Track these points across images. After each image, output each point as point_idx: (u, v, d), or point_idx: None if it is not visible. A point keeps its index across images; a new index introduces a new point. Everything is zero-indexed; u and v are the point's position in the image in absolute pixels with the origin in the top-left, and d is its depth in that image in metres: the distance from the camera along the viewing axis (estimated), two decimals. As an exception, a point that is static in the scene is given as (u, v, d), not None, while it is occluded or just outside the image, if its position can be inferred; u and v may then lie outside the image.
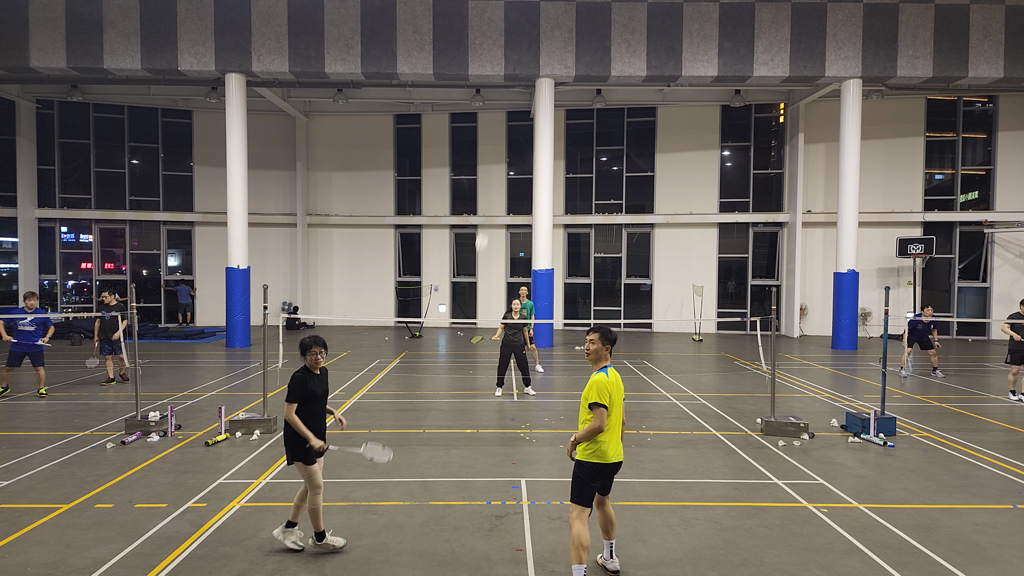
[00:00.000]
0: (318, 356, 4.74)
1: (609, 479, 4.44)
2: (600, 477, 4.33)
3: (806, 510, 5.64)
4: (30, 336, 10.17)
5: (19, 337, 10.16)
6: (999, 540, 5.07)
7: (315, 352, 4.73)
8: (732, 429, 8.42)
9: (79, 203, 22.02)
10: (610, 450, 4.26)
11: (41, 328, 10.27)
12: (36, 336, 10.19)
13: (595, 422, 4.16)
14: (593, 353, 4.37)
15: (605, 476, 4.38)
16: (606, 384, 4.20)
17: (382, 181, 22.54)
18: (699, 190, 21.29)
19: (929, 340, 12.75)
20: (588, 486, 4.27)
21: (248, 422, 7.98)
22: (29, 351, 10.17)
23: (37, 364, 10.25)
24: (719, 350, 17.04)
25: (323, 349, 4.79)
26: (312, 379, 4.73)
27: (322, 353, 4.77)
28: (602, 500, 4.51)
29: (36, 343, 10.17)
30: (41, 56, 15.73)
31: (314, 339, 4.77)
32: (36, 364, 10.25)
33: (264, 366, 8.44)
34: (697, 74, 16.15)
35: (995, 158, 20.24)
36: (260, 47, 15.84)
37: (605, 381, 4.21)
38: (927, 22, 15.92)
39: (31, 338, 10.16)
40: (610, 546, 4.54)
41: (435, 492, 6.00)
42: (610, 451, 4.26)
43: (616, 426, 4.31)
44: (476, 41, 16.00)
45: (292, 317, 18.79)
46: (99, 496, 5.83)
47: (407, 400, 10.24)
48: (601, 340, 4.34)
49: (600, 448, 4.23)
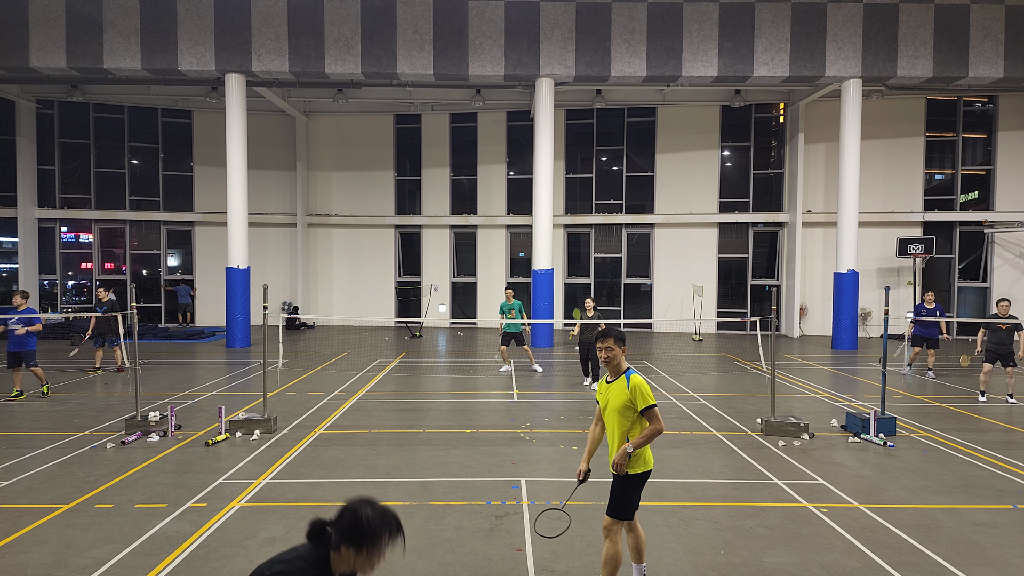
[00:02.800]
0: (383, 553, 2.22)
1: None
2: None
3: (806, 510, 5.64)
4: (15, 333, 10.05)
5: (10, 336, 10.13)
6: (999, 540, 5.07)
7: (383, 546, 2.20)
8: (732, 429, 8.43)
9: (79, 203, 22.02)
10: (649, 454, 4.02)
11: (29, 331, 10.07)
12: (30, 345, 10.09)
13: (657, 423, 3.88)
14: (613, 359, 4.04)
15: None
16: (645, 385, 3.93)
17: (382, 181, 22.54)
18: (699, 190, 21.29)
19: (936, 339, 12.57)
20: (638, 498, 4.00)
21: (248, 422, 7.98)
22: (20, 351, 10.07)
23: (30, 365, 10.12)
24: (719, 350, 17.04)
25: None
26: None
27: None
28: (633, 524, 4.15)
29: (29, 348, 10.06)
30: (41, 56, 15.73)
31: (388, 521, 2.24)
32: (28, 365, 10.11)
33: (264, 366, 8.45)
34: (697, 74, 16.15)
35: (995, 158, 20.24)
36: (260, 47, 15.84)
37: (643, 382, 3.94)
38: (927, 22, 15.92)
39: (23, 343, 10.07)
40: (642, 570, 4.19)
41: (435, 492, 6.00)
42: (649, 454, 4.03)
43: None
44: (476, 41, 16.00)
45: (292, 317, 18.79)
46: (99, 496, 5.83)
47: (407, 400, 10.23)
48: (617, 344, 4.03)
49: (647, 454, 3.99)
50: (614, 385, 4.03)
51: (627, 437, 3.94)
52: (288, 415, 8.92)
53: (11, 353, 10.12)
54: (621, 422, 3.95)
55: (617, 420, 3.96)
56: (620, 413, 3.94)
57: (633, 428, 3.94)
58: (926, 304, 12.49)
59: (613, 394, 4.01)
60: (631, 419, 3.94)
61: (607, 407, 4.06)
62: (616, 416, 3.97)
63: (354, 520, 2.16)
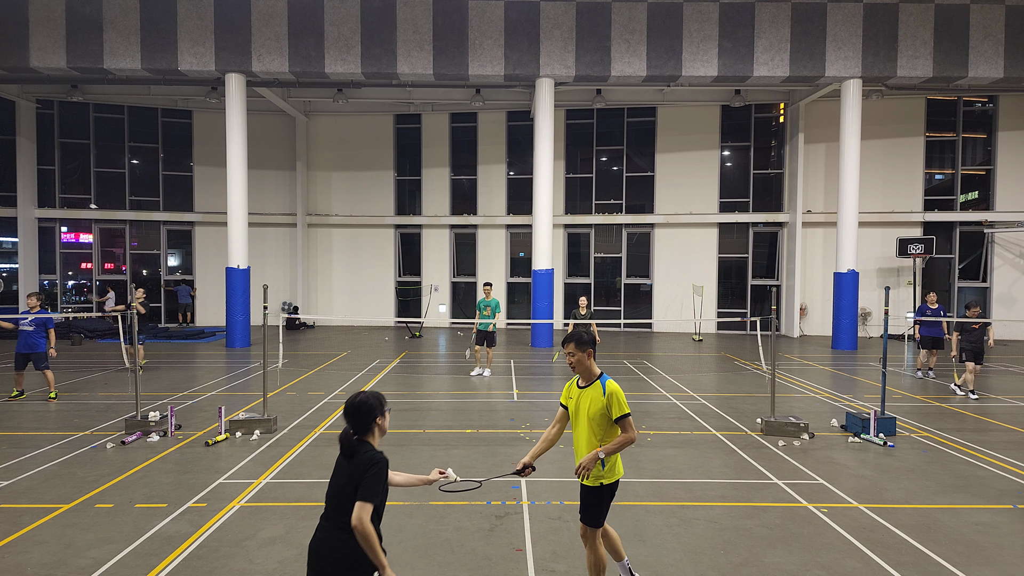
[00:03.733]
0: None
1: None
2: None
3: (806, 510, 5.64)
4: (30, 336, 10.02)
5: (20, 337, 10.09)
6: (999, 540, 5.07)
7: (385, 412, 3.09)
8: (732, 429, 8.43)
9: (79, 203, 22.03)
10: (620, 463, 3.94)
11: (42, 329, 10.10)
12: (36, 336, 10.04)
13: (630, 433, 3.73)
14: (578, 364, 3.86)
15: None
16: (621, 393, 3.78)
17: (382, 181, 22.54)
18: (699, 190, 21.29)
19: (942, 340, 12.51)
20: (608, 506, 3.93)
21: (248, 422, 7.98)
22: (30, 352, 10.05)
23: (40, 367, 10.05)
24: (719, 350, 17.04)
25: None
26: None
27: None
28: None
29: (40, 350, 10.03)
30: (41, 56, 15.73)
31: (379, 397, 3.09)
32: (38, 367, 10.05)
33: (264, 366, 8.45)
34: (697, 74, 16.15)
35: (995, 158, 20.24)
36: (260, 47, 15.84)
37: (619, 389, 3.79)
38: (927, 22, 15.92)
39: (31, 338, 10.03)
40: (626, 566, 4.25)
41: (435, 492, 6.00)
42: (620, 464, 3.94)
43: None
44: (476, 41, 16.00)
45: (292, 317, 18.80)
46: (99, 496, 5.83)
47: (407, 400, 10.23)
48: (579, 348, 3.83)
49: (617, 464, 3.90)
50: (588, 391, 3.84)
51: (600, 446, 3.78)
52: (288, 415, 8.92)
53: (20, 355, 10.07)
54: (595, 430, 3.79)
55: (589, 427, 3.80)
56: (593, 420, 3.78)
57: (606, 436, 3.79)
58: (929, 305, 12.48)
59: (586, 400, 3.83)
60: (604, 427, 3.78)
61: (578, 412, 3.88)
62: (588, 423, 3.80)
63: (360, 408, 2.99)
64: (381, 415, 3.02)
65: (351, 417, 2.99)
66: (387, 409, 3.07)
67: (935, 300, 12.58)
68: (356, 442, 2.97)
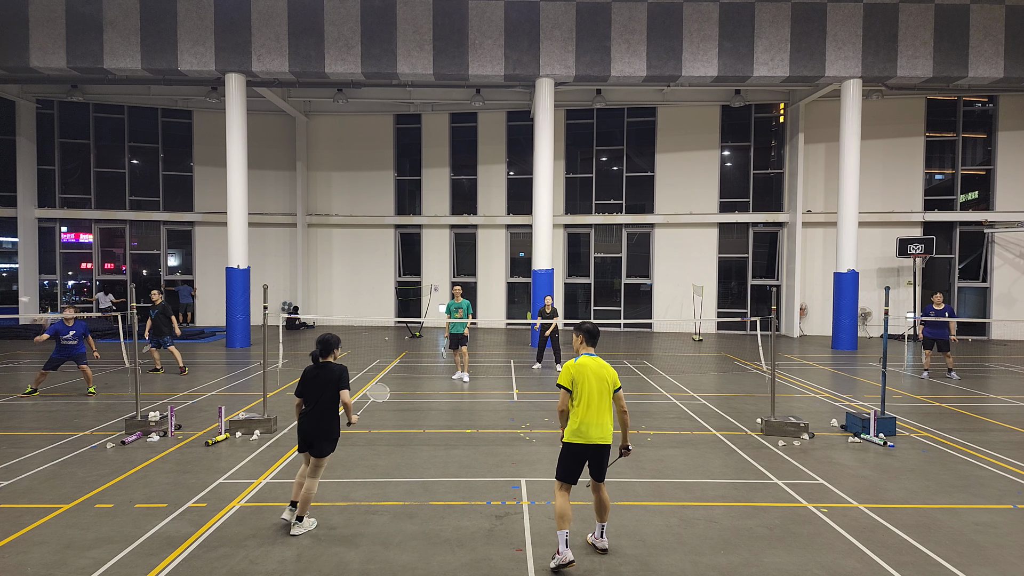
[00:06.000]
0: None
1: (598, 463, 4.65)
2: (585, 458, 4.61)
3: (806, 510, 5.64)
4: (73, 347, 10.37)
5: (57, 346, 10.35)
6: (999, 540, 5.07)
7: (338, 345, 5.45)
8: (732, 429, 8.42)
9: (79, 203, 22.03)
10: (591, 431, 4.55)
11: (82, 340, 10.47)
12: (79, 348, 10.41)
13: (559, 403, 4.74)
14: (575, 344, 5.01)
15: (591, 458, 4.62)
16: (569, 367, 4.68)
17: (382, 181, 22.54)
18: (699, 190, 21.29)
19: (947, 340, 12.40)
20: (570, 466, 4.59)
21: (248, 422, 7.98)
22: (70, 355, 10.40)
23: (82, 363, 10.44)
24: (719, 350, 17.04)
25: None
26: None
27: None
28: (597, 486, 4.74)
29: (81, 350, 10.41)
30: (41, 56, 15.73)
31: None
32: (80, 363, 10.44)
33: (264, 366, 8.45)
34: (697, 74, 16.15)
35: (995, 158, 20.24)
36: (260, 47, 15.84)
37: (569, 364, 4.69)
38: (927, 22, 15.92)
39: (74, 350, 10.39)
40: (601, 527, 4.79)
41: (435, 492, 6.00)
42: (592, 432, 4.55)
43: (595, 406, 4.55)
44: (476, 41, 16.00)
45: (292, 317, 18.79)
46: (99, 496, 5.83)
47: (407, 400, 10.23)
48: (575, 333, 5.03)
49: (580, 428, 4.55)
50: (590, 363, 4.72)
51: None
52: (288, 415, 8.90)
53: (56, 359, 10.36)
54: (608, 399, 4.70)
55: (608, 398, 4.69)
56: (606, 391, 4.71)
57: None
58: (934, 305, 12.43)
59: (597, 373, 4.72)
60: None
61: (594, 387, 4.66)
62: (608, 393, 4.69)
63: (328, 340, 5.21)
64: (338, 348, 5.26)
65: (321, 345, 5.18)
66: (340, 346, 5.30)
67: (941, 300, 12.51)
68: (323, 360, 5.17)
